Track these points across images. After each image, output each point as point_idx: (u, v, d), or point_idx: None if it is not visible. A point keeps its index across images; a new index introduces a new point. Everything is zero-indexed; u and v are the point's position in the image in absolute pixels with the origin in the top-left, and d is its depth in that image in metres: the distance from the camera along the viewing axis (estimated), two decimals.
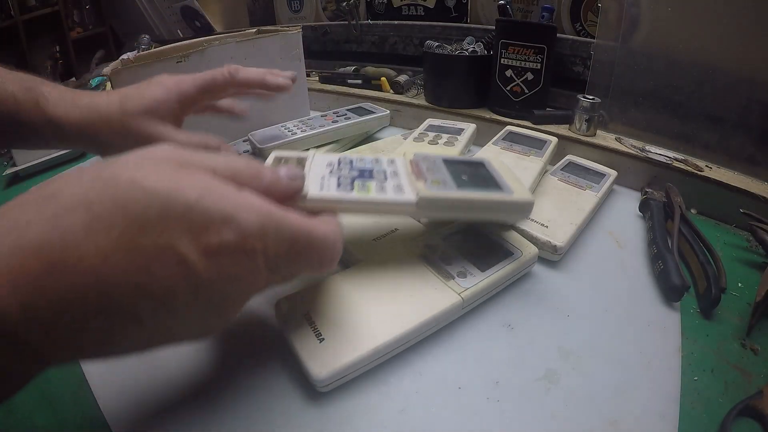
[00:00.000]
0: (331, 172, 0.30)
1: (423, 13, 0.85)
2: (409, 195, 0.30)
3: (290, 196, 0.25)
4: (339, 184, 0.29)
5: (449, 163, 0.36)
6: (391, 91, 0.77)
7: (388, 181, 0.31)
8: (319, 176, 0.30)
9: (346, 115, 0.63)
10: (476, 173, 0.36)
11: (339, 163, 0.32)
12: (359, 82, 0.80)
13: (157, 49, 0.60)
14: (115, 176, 0.18)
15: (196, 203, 0.19)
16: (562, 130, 0.59)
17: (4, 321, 0.16)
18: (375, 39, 0.88)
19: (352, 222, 0.42)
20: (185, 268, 0.18)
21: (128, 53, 0.75)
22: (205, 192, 0.19)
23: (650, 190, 0.48)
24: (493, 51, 0.64)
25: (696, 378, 0.30)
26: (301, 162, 0.32)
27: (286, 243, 0.22)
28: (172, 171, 0.19)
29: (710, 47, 0.52)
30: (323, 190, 0.28)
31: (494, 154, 0.49)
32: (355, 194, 0.29)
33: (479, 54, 0.67)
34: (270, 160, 0.32)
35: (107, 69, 0.94)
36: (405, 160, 0.35)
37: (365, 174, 0.31)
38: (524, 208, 0.34)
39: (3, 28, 2.02)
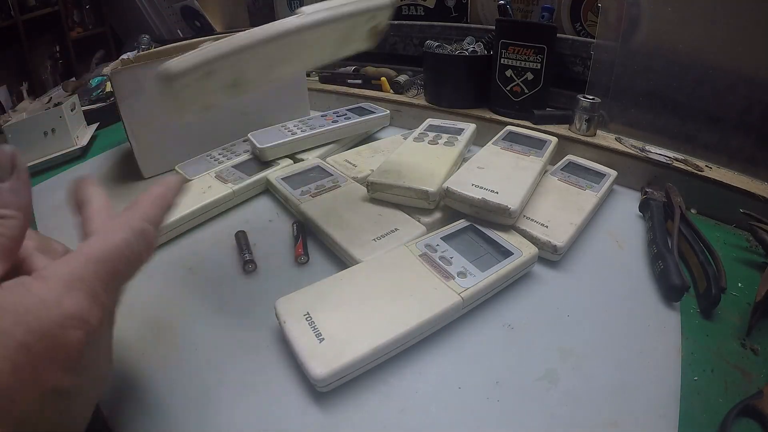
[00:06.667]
0: None
1: (423, 13, 0.85)
2: None
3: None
4: None
5: None
6: (391, 91, 0.77)
7: None
8: None
9: (346, 115, 0.63)
10: None
11: None
12: (359, 82, 0.80)
13: (157, 49, 0.60)
14: None
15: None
16: (562, 130, 0.59)
17: None
18: None
19: (353, 222, 0.42)
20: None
21: (128, 53, 0.75)
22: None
23: (650, 190, 0.48)
24: (493, 51, 0.64)
25: (696, 378, 0.30)
26: None
27: (111, 278, 0.20)
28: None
29: (710, 47, 0.52)
30: None
31: (493, 154, 0.49)
32: None
33: (479, 54, 0.67)
34: None
35: (107, 69, 0.94)
36: None
37: None
38: None
39: (3, 28, 2.01)
